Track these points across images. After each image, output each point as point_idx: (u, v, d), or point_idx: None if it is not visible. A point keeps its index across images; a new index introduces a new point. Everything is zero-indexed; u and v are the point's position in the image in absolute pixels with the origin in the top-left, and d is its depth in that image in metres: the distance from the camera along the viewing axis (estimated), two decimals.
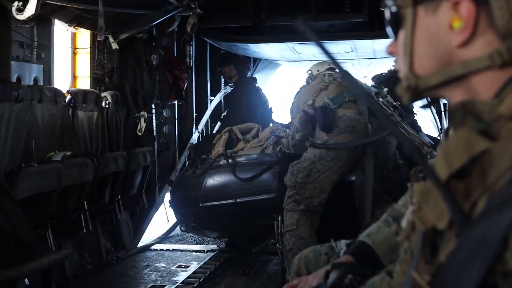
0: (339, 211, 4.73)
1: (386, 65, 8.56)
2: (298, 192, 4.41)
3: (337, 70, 5.39)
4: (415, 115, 5.56)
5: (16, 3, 3.47)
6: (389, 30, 1.08)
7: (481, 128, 0.87)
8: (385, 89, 4.86)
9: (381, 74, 6.23)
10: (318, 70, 5.37)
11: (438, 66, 0.99)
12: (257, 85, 7.31)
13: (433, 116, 7.24)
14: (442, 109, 7.40)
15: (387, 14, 1.07)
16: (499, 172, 0.81)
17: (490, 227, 0.75)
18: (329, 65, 5.37)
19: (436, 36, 0.98)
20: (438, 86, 1.00)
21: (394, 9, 1.05)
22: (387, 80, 5.55)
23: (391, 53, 1.09)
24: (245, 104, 6.78)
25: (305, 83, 5.13)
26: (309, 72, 5.31)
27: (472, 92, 0.95)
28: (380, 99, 4.66)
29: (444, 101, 6.39)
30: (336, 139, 4.41)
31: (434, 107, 6.92)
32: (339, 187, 4.59)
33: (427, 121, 7.36)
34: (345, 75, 0.99)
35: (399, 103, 4.73)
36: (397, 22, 1.05)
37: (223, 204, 5.09)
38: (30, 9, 3.43)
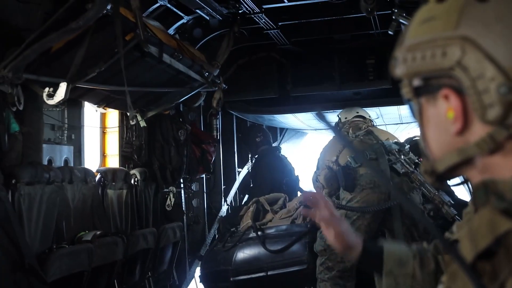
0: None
1: (413, 130, 8.55)
2: (329, 258, 4.38)
3: (365, 117, 5.49)
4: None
5: (47, 89, 3.59)
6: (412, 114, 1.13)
7: (504, 207, 0.87)
8: (407, 146, 4.84)
9: (414, 137, 6.22)
10: (346, 118, 5.49)
11: (445, 151, 1.02)
12: (281, 154, 7.35)
13: (469, 190, 7.15)
14: None
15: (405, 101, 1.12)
16: None
17: None
18: (357, 112, 5.47)
19: (439, 124, 1.02)
20: (453, 169, 1.02)
21: (406, 98, 1.10)
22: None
23: None
24: (270, 174, 6.78)
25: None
26: (338, 116, 5.42)
27: (489, 173, 0.95)
28: (402, 156, 4.66)
29: None
30: (359, 196, 4.42)
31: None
32: None
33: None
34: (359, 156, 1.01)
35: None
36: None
37: (254, 278, 5.02)
38: (60, 94, 3.54)
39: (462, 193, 6.14)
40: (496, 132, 0.92)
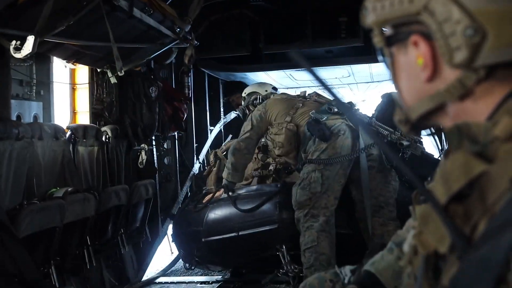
0: (341, 237, 4.72)
1: (384, 88, 8.60)
2: (314, 206, 4.46)
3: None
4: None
5: (13, 42, 3.50)
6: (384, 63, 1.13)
7: (477, 150, 0.88)
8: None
9: (391, 92, 6.26)
10: (266, 90, 5.97)
11: (417, 100, 1.03)
12: None
13: (434, 138, 7.24)
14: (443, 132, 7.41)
15: (378, 50, 1.12)
16: (498, 193, 0.81)
17: (492, 249, 0.75)
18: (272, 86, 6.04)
19: (410, 73, 1.03)
20: (425, 117, 1.04)
21: (378, 47, 1.10)
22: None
23: None
24: None
25: (255, 102, 5.74)
26: (255, 95, 5.90)
27: (459, 119, 0.96)
28: (358, 109, 4.93)
29: None
30: (334, 144, 4.53)
31: (438, 136, 6.92)
32: (340, 213, 4.62)
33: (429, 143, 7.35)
34: (339, 103, 1.02)
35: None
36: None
37: (226, 238, 5.06)
38: (28, 48, 3.45)
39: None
40: (465, 76, 0.93)
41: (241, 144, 5.10)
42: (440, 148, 6.99)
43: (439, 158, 5.83)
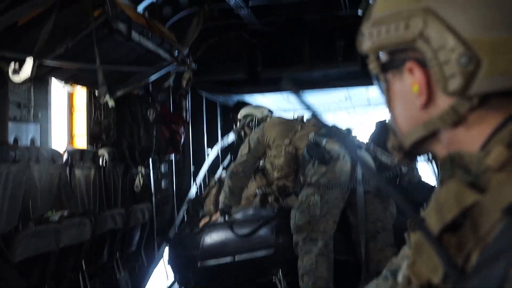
0: (339, 264, 4.70)
1: (381, 112, 8.64)
2: (313, 230, 4.43)
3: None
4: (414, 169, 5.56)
5: (12, 65, 3.51)
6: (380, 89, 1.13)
7: (469, 180, 0.88)
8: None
9: (384, 120, 6.29)
10: (262, 112, 5.99)
11: (412, 126, 1.03)
12: None
13: (432, 166, 7.23)
14: None
15: (373, 76, 1.12)
16: (490, 224, 0.81)
17: (485, 280, 0.75)
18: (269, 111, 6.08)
19: (406, 99, 1.03)
20: (419, 144, 1.04)
21: (373, 73, 1.10)
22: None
23: None
24: None
25: (251, 124, 5.82)
26: (250, 117, 5.94)
27: (452, 146, 0.97)
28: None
29: None
30: (333, 168, 4.51)
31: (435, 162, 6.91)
32: (339, 238, 4.60)
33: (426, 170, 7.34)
34: (330, 129, 1.02)
35: None
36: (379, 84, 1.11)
37: (222, 263, 5.03)
38: (26, 71, 3.46)
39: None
40: (458, 103, 0.93)
41: (238, 168, 5.09)
42: (437, 175, 6.98)
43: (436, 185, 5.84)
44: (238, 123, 6.18)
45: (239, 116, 6.17)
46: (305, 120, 5.35)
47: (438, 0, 0.94)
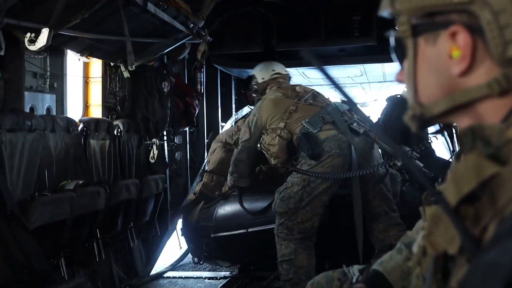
0: (336, 233, 4.74)
1: (397, 88, 8.57)
2: (290, 219, 4.40)
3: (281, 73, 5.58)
4: (428, 141, 5.50)
5: (28, 34, 3.52)
6: (395, 58, 1.08)
7: (490, 152, 0.87)
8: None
9: (396, 95, 6.24)
10: (263, 78, 5.59)
11: (441, 95, 0.99)
12: None
13: (446, 141, 7.20)
14: (454, 133, 7.38)
15: (391, 43, 1.08)
16: (509, 196, 0.80)
17: (502, 253, 0.74)
18: (273, 70, 5.62)
19: (437, 66, 0.98)
20: (444, 114, 1.00)
21: (397, 39, 1.05)
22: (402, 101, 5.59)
23: (400, 81, 1.09)
24: None
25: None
26: (254, 77, 5.63)
27: (479, 118, 0.95)
28: (355, 115, 4.66)
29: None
30: (324, 162, 4.41)
31: (446, 133, 6.87)
32: (335, 208, 4.62)
33: (440, 145, 7.31)
34: (351, 104, 1.00)
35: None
36: (401, 52, 1.05)
37: (235, 234, 5.08)
38: (42, 40, 3.46)
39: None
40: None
41: (242, 155, 4.96)
42: (451, 149, 6.96)
43: (450, 160, 5.81)
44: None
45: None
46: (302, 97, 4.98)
47: None
